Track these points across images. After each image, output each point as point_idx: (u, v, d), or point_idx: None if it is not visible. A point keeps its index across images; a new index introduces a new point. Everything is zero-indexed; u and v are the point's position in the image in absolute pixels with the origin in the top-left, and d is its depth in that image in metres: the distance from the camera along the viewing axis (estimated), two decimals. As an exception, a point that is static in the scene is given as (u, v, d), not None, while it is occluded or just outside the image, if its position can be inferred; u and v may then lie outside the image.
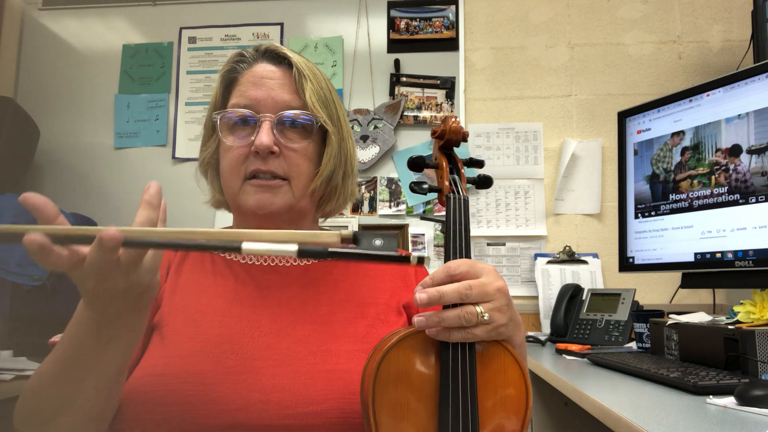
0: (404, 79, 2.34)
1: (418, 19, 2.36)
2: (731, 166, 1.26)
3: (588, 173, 2.24)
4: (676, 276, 1.49)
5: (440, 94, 2.32)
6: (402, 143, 2.31)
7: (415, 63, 2.35)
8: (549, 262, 2.16)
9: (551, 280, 2.12)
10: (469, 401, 0.62)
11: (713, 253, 1.29)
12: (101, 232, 0.48)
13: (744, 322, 1.07)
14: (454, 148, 0.78)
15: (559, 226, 2.24)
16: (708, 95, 1.33)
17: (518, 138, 2.30)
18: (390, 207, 2.27)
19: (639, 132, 1.53)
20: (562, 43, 2.33)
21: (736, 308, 1.13)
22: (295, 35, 2.42)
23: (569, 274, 2.12)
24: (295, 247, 0.50)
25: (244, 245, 0.50)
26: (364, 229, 2.26)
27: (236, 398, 0.70)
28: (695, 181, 1.35)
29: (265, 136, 0.80)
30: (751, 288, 1.19)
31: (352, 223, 2.27)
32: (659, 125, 1.47)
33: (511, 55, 2.34)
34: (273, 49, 0.86)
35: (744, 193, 1.23)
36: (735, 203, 1.25)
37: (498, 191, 2.28)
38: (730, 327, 1.05)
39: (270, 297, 0.82)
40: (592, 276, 2.12)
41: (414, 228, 2.25)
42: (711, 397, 0.86)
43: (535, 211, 2.25)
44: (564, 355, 1.53)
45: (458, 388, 0.62)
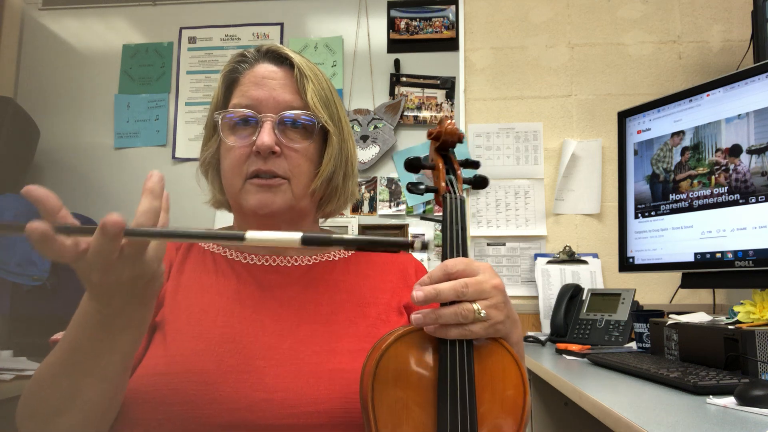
0: (404, 79, 2.34)
1: (418, 19, 2.36)
2: (731, 166, 1.26)
3: (588, 173, 2.24)
4: (676, 276, 1.49)
5: (440, 94, 2.32)
6: (402, 143, 2.31)
7: (415, 63, 2.35)
8: (549, 262, 2.16)
9: (551, 280, 2.12)
10: (467, 398, 0.62)
11: (713, 253, 1.29)
12: (104, 218, 0.49)
13: (744, 322, 1.07)
14: (450, 149, 0.79)
15: (559, 226, 2.24)
16: (708, 95, 1.33)
17: (518, 138, 2.30)
18: (390, 207, 2.27)
19: (639, 132, 1.53)
20: (562, 43, 2.33)
21: (736, 308, 1.13)
22: (295, 35, 2.42)
23: (569, 274, 2.12)
24: (299, 236, 0.51)
25: (248, 234, 0.51)
26: (364, 229, 2.26)
27: (240, 397, 0.70)
28: (695, 181, 1.35)
29: (266, 136, 0.80)
30: (751, 288, 1.19)
31: (352, 223, 2.27)
32: (659, 125, 1.47)
33: (511, 55, 2.34)
34: (275, 50, 0.86)
35: (744, 193, 1.23)
36: (735, 203, 1.25)
37: (498, 191, 2.28)
38: (730, 327, 1.05)
39: (272, 297, 0.82)
40: (592, 276, 2.12)
41: (414, 228, 2.25)
42: (711, 397, 0.86)
43: (535, 211, 2.25)
44: (564, 355, 1.53)
45: (456, 384, 0.62)
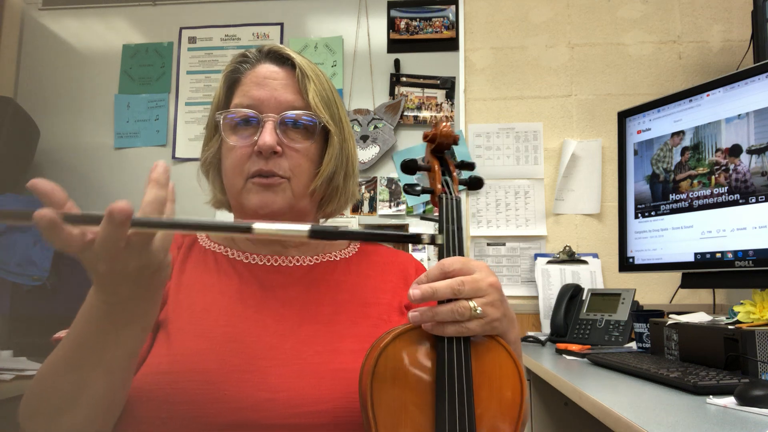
0: (404, 79, 2.34)
1: (418, 19, 2.36)
2: (731, 166, 1.26)
3: (588, 173, 2.24)
4: (676, 276, 1.49)
5: (440, 94, 2.32)
6: (402, 143, 2.31)
7: (415, 63, 2.35)
8: (549, 262, 2.16)
9: (551, 280, 2.12)
10: (465, 394, 0.63)
11: (713, 253, 1.29)
12: (110, 205, 0.48)
13: (744, 322, 1.07)
14: (446, 151, 0.81)
15: (559, 226, 2.24)
16: (708, 95, 1.33)
17: (518, 138, 2.30)
18: (390, 207, 2.27)
19: (639, 132, 1.53)
20: (562, 43, 2.33)
21: (736, 308, 1.13)
22: (295, 35, 2.42)
23: (569, 274, 2.12)
24: (307, 228, 0.50)
25: (255, 225, 0.50)
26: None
27: (244, 397, 0.70)
28: (695, 181, 1.35)
29: (268, 136, 0.80)
30: (751, 288, 1.19)
31: (352, 223, 2.27)
32: (659, 125, 1.47)
33: (511, 55, 2.34)
34: (276, 50, 0.86)
35: (744, 193, 1.23)
36: (735, 203, 1.25)
37: (498, 191, 2.28)
38: (730, 327, 1.05)
39: (274, 297, 0.82)
40: (592, 276, 2.12)
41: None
42: (711, 397, 0.86)
43: (535, 211, 2.25)
44: (564, 355, 1.53)
45: (454, 381, 0.63)
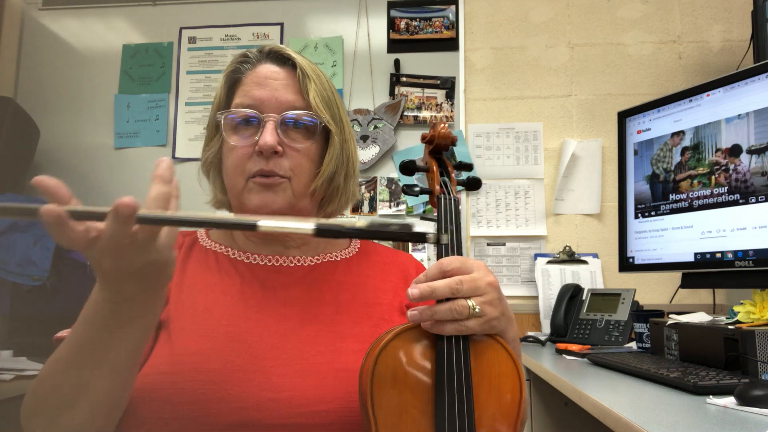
0: (404, 79, 2.34)
1: (418, 19, 2.36)
2: (731, 166, 1.26)
3: (588, 173, 2.24)
4: (676, 276, 1.49)
5: (440, 94, 2.32)
6: (402, 143, 2.31)
7: (415, 63, 2.35)
8: (549, 262, 2.16)
9: (551, 280, 2.12)
10: (464, 392, 0.64)
11: (713, 253, 1.29)
12: (116, 200, 0.48)
13: (744, 322, 1.07)
14: (444, 152, 0.82)
15: (559, 226, 2.24)
16: (708, 95, 1.33)
17: (518, 138, 2.30)
18: (390, 207, 2.27)
19: (639, 132, 1.53)
20: (562, 43, 2.33)
21: (736, 308, 1.13)
22: (295, 35, 2.42)
23: (569, 274, 2.12)
24: (313, 225, 0.50)
25: (260, 222, 0.50)
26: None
27: (247, 397, 0.70)
28: (695, 181, 1.35)
29: (269, 136, 0.80)
30: (751, 288, 1.19)
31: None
32: (659, 125, 1.47)
33: (511, 55, 2.34)
34: (277, 50, 0.87)
35: (744, 193, 1.23)
36: (735, 203, 1.25)
37: (498, 191, 2.28)
38: (730, 327, 1.05)
39: (275, 297, 0.82)
40: (592, 276, 2.12)
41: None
42: (711, 397, 0.86)
43: (535, 211, 2.25)
44: (564, 355, 1.53)
45: (453, 379, 0.64)
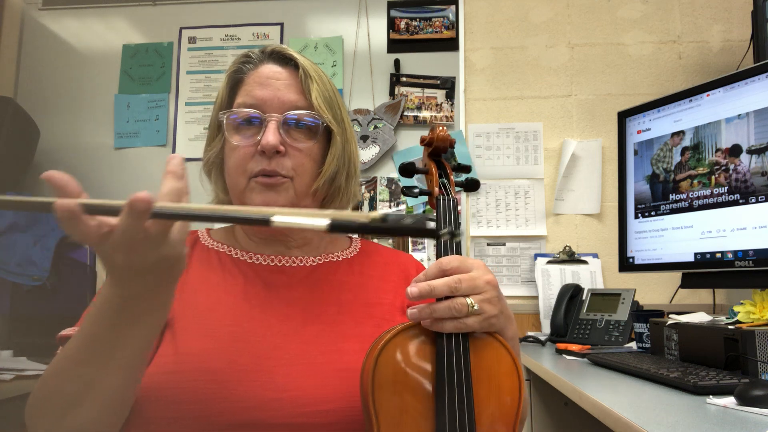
0: (404, 79, 2.34)
1: (418, 19, 2.36)
2: (731, 166, 1.26)
3: (588, 173, 2.24)
4: (676, 276, 1.49)
5: (440, 94, 2.32)
6: (402, 143, 2.31)
7: (415, 63, 2.35)
8: (549, 262, 2.16)
9: (551, 280, 2.12)
10: (464, 390, 0.64)
11: (713, 253, 1.29)
12: (132, 195, 0.48)
13: (744, 322, 1.07)
14: (443, 154, 0.84)
15: (559, 226, 2.24)
16: (708, 95, 1.33)
17: (518, 138, 2.30)
18: (390, 207, 2.27)
19: (639, 132, 1.53)
20: (562, 43, 2.33)
21: (736, 308, 1.13)
22: (295, 35, 2.42)
23: (569, 274, 2.12)
24: (327, 221, 0.49)
25: (274, 217, 0.49)
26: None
27: (251, 396, 0.70)
28: (695, 181, 1.35)
29: (271, 135, 0.80)
30: (751, 288, 1.19)
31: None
32: (659, 125, 1.47)
33: (511, 55, 2.34)
34: (279, 51, 0.87)
35: (744, 193, 1.23)
36: (735, 203, 1.25)
37: (498, 191, 2.28)
38: (730, 327, 1.05)
39: (278, 297, 0.82)
40: (592, 276, 2.12)
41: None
42: (711, 397, 0.86)
43: (535, 211, 2.25)
44: (564, 355, 1.53)
45: (453, 376, 0.64)
